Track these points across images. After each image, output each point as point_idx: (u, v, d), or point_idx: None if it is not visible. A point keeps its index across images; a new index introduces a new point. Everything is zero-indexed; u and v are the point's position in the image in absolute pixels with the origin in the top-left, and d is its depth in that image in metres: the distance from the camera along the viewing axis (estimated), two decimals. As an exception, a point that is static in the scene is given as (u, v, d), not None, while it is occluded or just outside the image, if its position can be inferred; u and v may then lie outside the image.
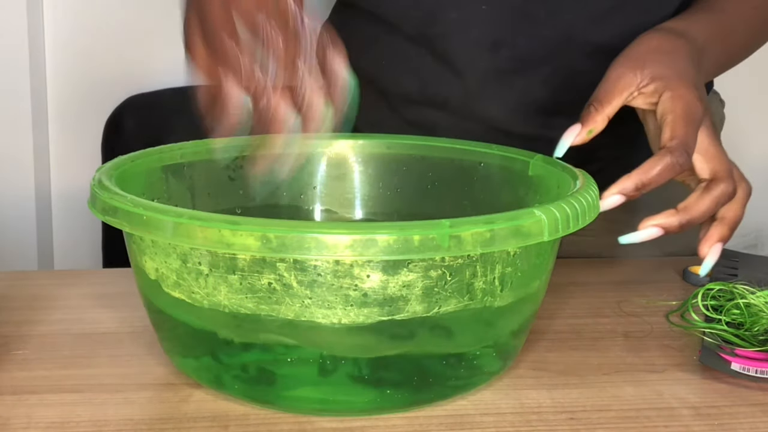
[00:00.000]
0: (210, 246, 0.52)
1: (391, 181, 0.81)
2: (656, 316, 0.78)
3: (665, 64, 0.72)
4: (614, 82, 0.71)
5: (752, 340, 0.70)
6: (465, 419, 0.60)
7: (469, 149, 0.78)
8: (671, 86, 0.71)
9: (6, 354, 0.67)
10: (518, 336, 0.64)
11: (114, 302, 0.77)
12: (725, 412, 0.62)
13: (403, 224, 0.52)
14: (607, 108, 0.71)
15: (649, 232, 0.69)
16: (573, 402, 0.62)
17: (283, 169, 0.66)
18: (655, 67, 0.71)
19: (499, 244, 0.54)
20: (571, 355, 0.70)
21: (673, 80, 0.71)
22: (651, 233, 0.69)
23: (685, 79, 0.71)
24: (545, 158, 0.72)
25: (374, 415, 0.59)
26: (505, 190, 0.75)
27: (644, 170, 0.67)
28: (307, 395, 0.58)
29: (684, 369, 0.68)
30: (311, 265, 0.53)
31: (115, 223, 0.57)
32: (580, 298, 0.81)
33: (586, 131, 0.70)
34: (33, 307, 0.76)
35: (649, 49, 0.73)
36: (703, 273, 0.73)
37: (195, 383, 0.63)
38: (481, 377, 0.62)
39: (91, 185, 0.61)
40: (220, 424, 0.58)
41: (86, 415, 0.59)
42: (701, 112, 0.71)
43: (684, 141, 0.68)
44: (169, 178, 0.72)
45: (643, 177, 0.67)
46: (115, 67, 1.47)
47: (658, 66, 0.72)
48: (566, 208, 0.57)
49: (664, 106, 0.70)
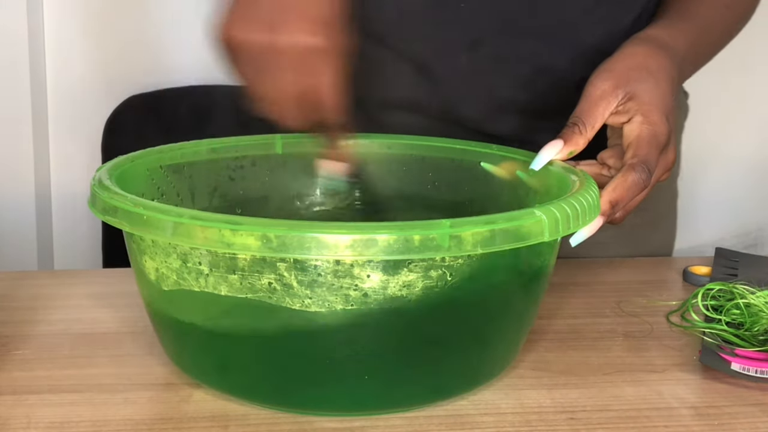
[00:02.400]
0: (210, 246, 0.52)
1: (391, 181, 0.81)
2: (656, 316, 0.78)
3: (646, 87, 0.71)
4: (597, 102, 0.71)
5: (752, 340, 0.70)
6: (465, 419, 0.60)
7: (469, 149, 0.78)
8: (644, 111, 0.70)
9: (6, 354, 0.67)
10: (518, 335, 0.64)
11: (114, 302, 0.77)
12: (725, 412, 0.62)
13: (403, 224, 0.52)
14: (591, 132, 0.70)
15: (595, 224, 0.67)
16: (573, 402, 0.62)
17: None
18: (636, 87, 0.71)
19: (499, 244, 0.54)
20: (571, 355, 0.70)
21: (649, 107, 0.71)
22: (596, 224, 0.67)
23: (660, 107, 0.71)
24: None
25: (374, 415, 0.59)
26: (505, 190, 0.75)
27: (612, 188, 0.67)
28: (307, 395, 0.58)
29: (684, 369, 0.68)
30: (311, 264, 0.53)
31: (115, 223, 0.57)
32: (580, 298, 0.81)
33: (567, 152, 0.70)
34: (33, 307, 0.76)
35: (634, 65, 0.73)
36: (574, 244, 0.66)
37: (195, 383, 0.63)
38: (481, 377, 0.62)
39: (91, 185, 0.61)
40: (220, 424, 0.58)
41: (86, 415, 0.59)
42: (666, 139, 0.71)
43: (645, 159, 0.69)
44: (169, 178, 0.72)
45: (614, 195, 0.67)
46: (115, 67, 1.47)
47: (639, 86, 0.71)
48: (566, 208, 0.57)
49: (632, 127, 0.71)
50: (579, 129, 0.70)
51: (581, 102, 0.71)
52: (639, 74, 0.72)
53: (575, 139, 0.70)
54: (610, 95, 0.71)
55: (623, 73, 0.72)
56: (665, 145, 0.71)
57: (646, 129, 0.70)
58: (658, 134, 0.70)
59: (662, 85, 0.73)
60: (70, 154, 1.49)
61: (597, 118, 0.70)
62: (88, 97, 1.46)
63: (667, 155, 0.72)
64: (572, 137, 0.70)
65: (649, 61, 0.73)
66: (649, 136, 0.70)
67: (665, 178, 0.74)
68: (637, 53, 0.74)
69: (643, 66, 0.73)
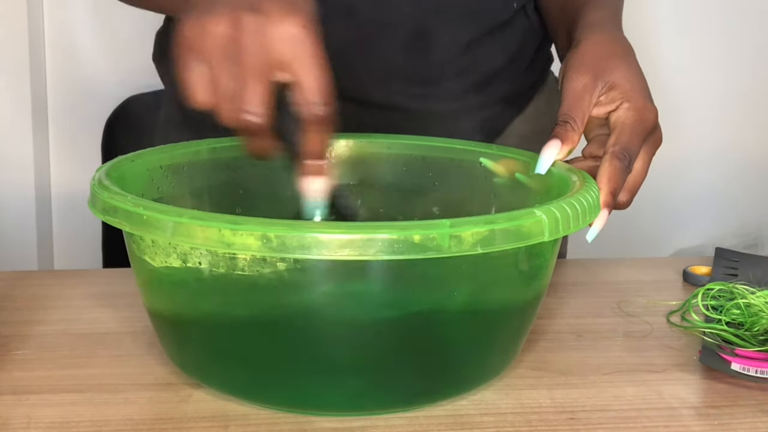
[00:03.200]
0: (210, 246, 0.52)
1: (391, 181, 0.81)
2: (656, 316, 0.78)
3: (623, 73, 0.72)
4: (581, 95, 0.71)
5: (752, 340, 0.70)
6: (465, 419, 0.60)
7: (469, 149, 0.78)
8: (630, 98, 0.71)
9: (6, 354, 0.67)
10: (518, 335, 0.64)
11: (114, 302, 0.77)
12: (725, 412, 0.62)
13: (403, 224, 0.52)
14: (582, 126, 0.71)
15: (603, 216, 0.66)
16: (573, 402, 0.62)
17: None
18: (614, 76, 0.72)
19: (499, 244, 0.54)
20: (571, 355, 0.70)
21: (632, 92, 0.72)
22: (604, 216, 0.66)
23: (642, 89, 0.72)
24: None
25: (374, 415, 0.59)
26: (505, 190, 0.75)
27: (607, 178, 0.67)
28: (307, 395, 0.58)
29: (684, 369, 0.68)
30: (311, 264, 0.53)
31: (115, 223, 0.57)
32: (580, 298, 0.81)
33: (566, 150, 0.70)
34: (33, 307, 0.76)
35: (604, 54, 0.73)
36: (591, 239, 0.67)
37: (195, 383, 0.63)
38: (481, 377, 0.62)
39: (91, 185, 0.61)
40: (220, 424, 0.58)
41: (86, 415, 0.59)
42: (654, 121, 0.72)
43: (626, 146, 0.69)
44: (169, 178, 0.72)
45: (611, 184, 0.67)
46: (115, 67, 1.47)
47: (616, 74, 0.72)
48: (566, 208, 0.57)
49: (618, 114, 0.71)
50: (571, 125, 0.70)
51: (565, 99, 0.72)
52: (612, 62, 0.73)
53: (570, 135, 0.70)
54: (590, 87, 0.71)
55: (597, 65, 0.73)
56: (653, 125, 0.72)
57: (632, 115, 0.71)
58: (644, 119, 0.71)
59: (634, 66, 0.74)
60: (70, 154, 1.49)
61: (584, 112, 0.71)
62: (88, 97, 1.46)
63: (656, 134, 0.73)
64: (567, 135, 0.70)
65: (613, 47, 0.74)
66: (634, 122, 0.70)
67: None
68: (600, 41, 0.75)
69: (612, 53, 0.74)
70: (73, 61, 1.47)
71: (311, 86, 0.58)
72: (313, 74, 0.58)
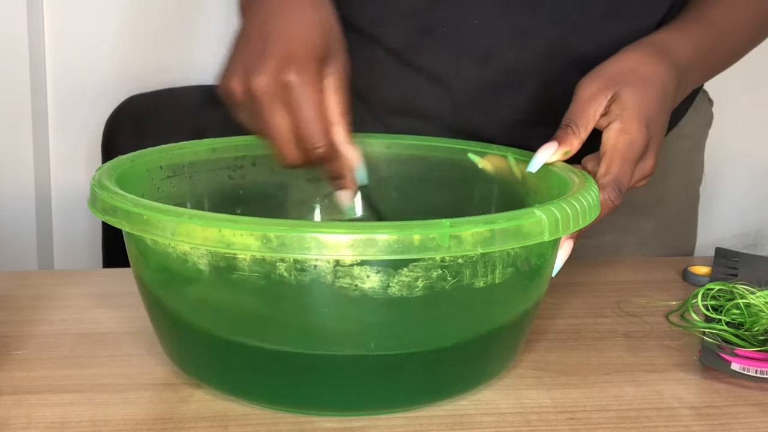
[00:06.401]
0: (210, 246, 0.52)
1: (391, 181, 0.81)
2: (656, 316, 0.78)
3: (633, 90, 0.71)
4: (587, 103, 0.70)
5: (752, 340, 0.70)
6: (465, 419, 0.60)
7: (468, 149, 0.78)
8: (624, 117, 0.70)
9: (6, 354, 0.67)
10: (518, 335, 0.64)
11: (114, 302, 0.77)
12: (725, 412, 0.62)
13: (403, 224, 0.52)
14: (584, 133, 0.70)
15: (567, 247, 0.66)
16: (573, 402, 0.62)
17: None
18: (621, 89, 0.71)
19: (499, 244, 0.54)
20: (571, 355, 0.70)
21: (630, 112, 0.70)
22: (567, 249, 0.65)
23: (641, 113, 0.70)
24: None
25: (374, 415, 0.59)
26: (505, 190, 0.75)
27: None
28: (307, 395, 0.58)
29: (684, 369, 0.68)
30: (311, 264, 0.53)
31: (115, 223, 0.57)
32: (580, 298, 0.81)
33: (563, 152, 0.70)
34: (33, 307, 0.76)
35: (624, 68, 0.72)
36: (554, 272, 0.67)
37: (195, 383, 0.63)
38: (481, 377, 0.62)
39: (91, 185, 0.61)
40: (220, 424, 0.58)
41: (86, 415, 0.59)
42: (642, 148, 0.70)
43: (617, 178, 0.68)
44: (169, 178, 0.72)
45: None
46: (115, 67, 1.47)
47: (625, 89, 0.71)
48: (566, 208, 0.57)
49: (609, 135, 0.70)
50: (572, 130, 0.70)
51: (572, 105, 0.71)
52: (627, 77, 0.71)
53: (569, 139, 0.69)
54: (598, 96, 0.71)
55: (611, 76, 0.72)
56: (642, 153, 0.71)
57: (623, 139, 0.70)
58: (634, 143, 0.70)
59: (651, 91, 0.72)
60: (70, 154, 1.49)
61: (589, 120, 0.70)
62: (88, 97, 1.46)
63: (645, 163, 0.72)
64: (566, 138, 0.69)
65: (641, 66, 0.73)
66: (625, 148, 0.69)
67: (642, 185, 0.74)
68: (631, 57, 0.74)
69: (633, 70, 0.72)
70: (73, 61, 1.47)
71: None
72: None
